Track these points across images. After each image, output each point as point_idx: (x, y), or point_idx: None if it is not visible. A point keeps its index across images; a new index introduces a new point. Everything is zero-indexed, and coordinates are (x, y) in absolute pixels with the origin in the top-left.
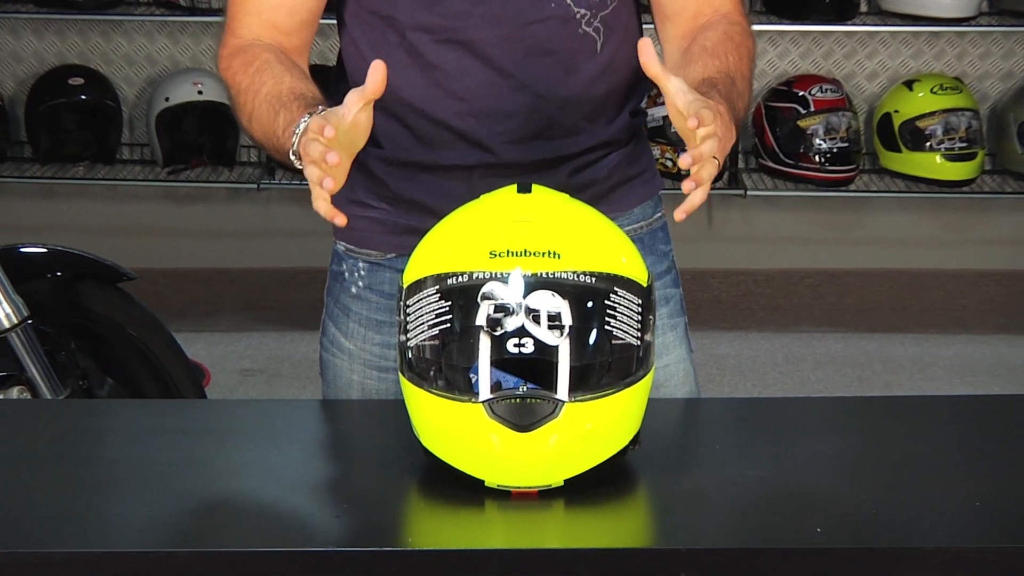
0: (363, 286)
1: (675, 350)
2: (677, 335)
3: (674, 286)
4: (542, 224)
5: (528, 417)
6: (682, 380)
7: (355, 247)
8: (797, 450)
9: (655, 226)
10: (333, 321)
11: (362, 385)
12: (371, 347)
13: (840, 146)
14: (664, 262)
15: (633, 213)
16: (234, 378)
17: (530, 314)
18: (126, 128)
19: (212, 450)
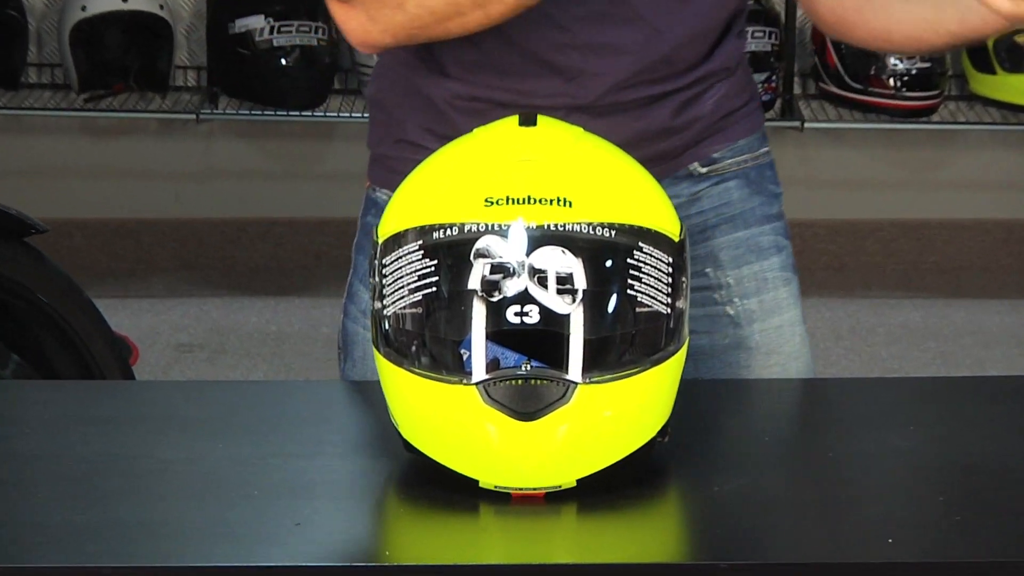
0: None
1: (789, 309)
2: (791, 292)
3: (785, 235)
4: (550, 164)
5: (532, 402)
6: (797, 349)
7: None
8: (865, 443)
9: (762, 162)
10: (366, 285)
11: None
12: None
13: (920, 67)
14: (774, 205)
15: (737, 145)
16: (168, 355)
17: (535, 275)
18: (33, 45)
19: (142, 443)
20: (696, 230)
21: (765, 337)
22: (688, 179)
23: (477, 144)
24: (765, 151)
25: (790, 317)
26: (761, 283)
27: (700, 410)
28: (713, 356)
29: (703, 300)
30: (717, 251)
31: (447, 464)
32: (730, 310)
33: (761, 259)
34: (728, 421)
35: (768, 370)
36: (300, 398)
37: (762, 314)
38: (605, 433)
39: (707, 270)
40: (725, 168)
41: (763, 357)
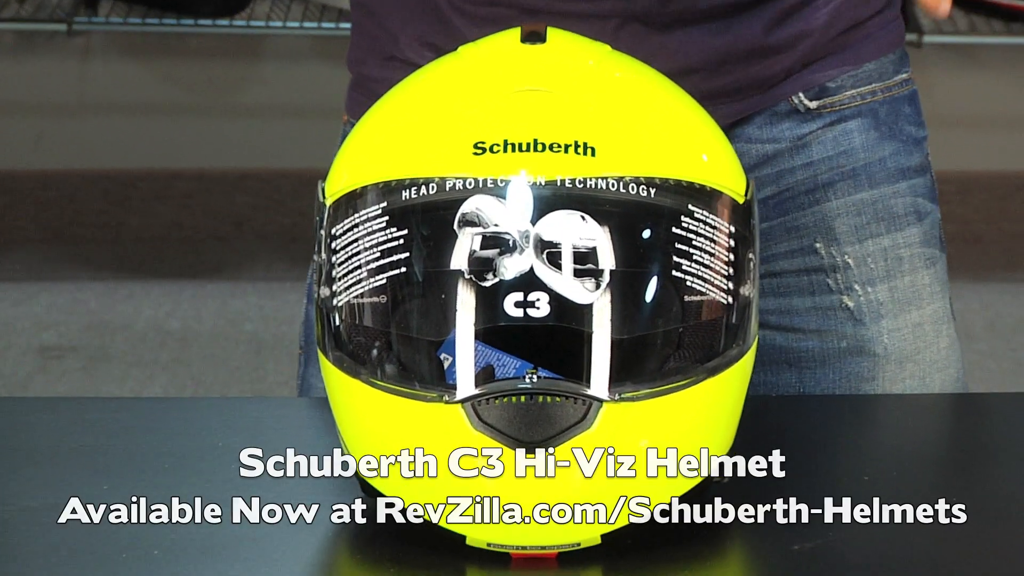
0: None
1: (933, 300)
2: (936, 277)
3: (930, 198)
4: (564, 96)
5: (540, 427)
6: (944, 355)
7: None
8: (1011, 481)
9: (898, 93)
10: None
11: None
12: None
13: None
14: (915, 154)
15: (863, 70)
16: (28, 361)
17: (544, 251)
18: None
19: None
20: (803, 188)
21: (897, 339)
22: (791, 116)
23: (463, 67)
24: (904, 78)
25: (934, 311)
26: (893, 264)
27: (795, 437)
28: (825, 364)
29: (812, 286)
30: (831, 218)
31: (421, 513)
32: (849, 301)
33: (894, 229)
34: (828, 453)
35: (901, 384)
36: (214, 421)
37: (894, 307)
38: (640, 470)
39: (817, 245)
40: (844, 101)
41: (894, 367)
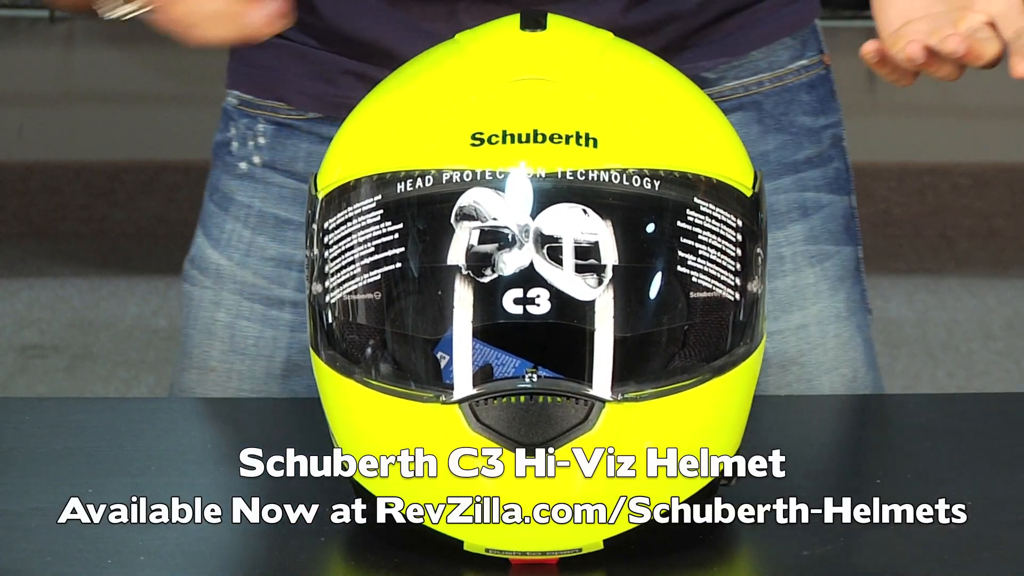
0: (260, 162)
1: (821, 300)
2: (824, 274)
3: (830, 189)
4: (566, 85)
5: (540, 428)
6: (834, 356)
7: (256, 97)
8: (1013, 481)
9: (794, 81)
10: (203, 226)
11: (232, 331)
12: (259, 263)
13: None
14: (805, 145)
15: (749, 60)
16: (10, 360)
17: (544, 245)
18: None
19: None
20: None
21: (779, 342)
22: None
23: (460, 55)
24: (804, 64)
25: (820, 311)
26: (774, 264)
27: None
28: None
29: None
30: None
31: (417, 518)
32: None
33: (774, 228)
34: (824, 454)
35: (787, 388)
36: (204, 420)
37: (775, 309)
38: (644, 468)
39: None
40: (724, 94)
41: (777, 371)
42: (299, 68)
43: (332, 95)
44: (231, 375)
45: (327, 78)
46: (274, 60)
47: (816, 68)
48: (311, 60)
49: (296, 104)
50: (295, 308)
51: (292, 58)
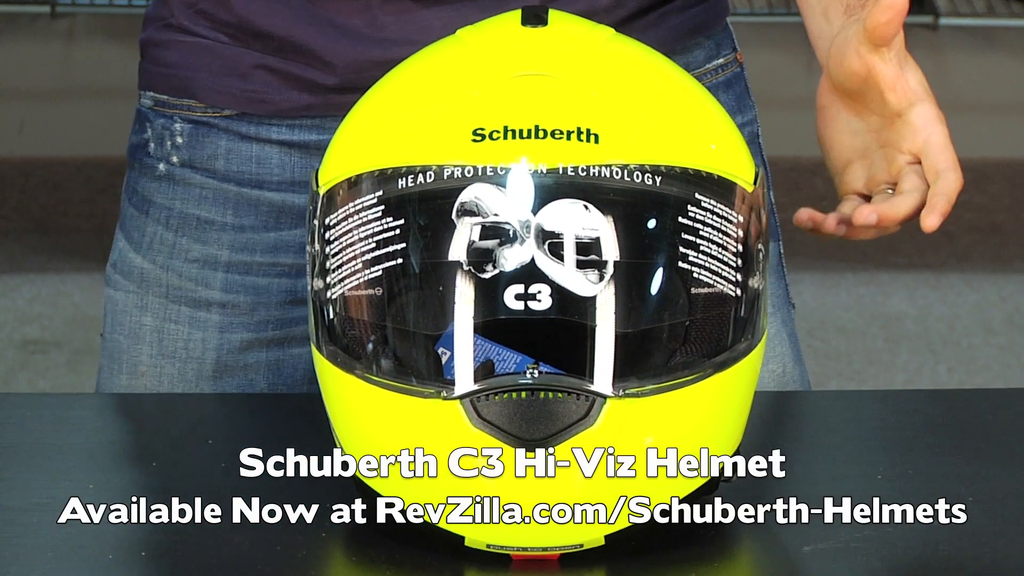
0: (178, 161)
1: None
2: None
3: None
4: (567, 80)
5: (541, 424)
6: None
7: (170, 96)
8: (1014, 480)
9: (711, 81)
10: (124, 229)
11: (160, 335)
12: (183, 264)
13: None
14: None
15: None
16: (10, 355)
17: (545, 241)
18: None
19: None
20: None
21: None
22: None
23: (461, 51)
24: (720, 63)
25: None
26: None
27: (794, 435)
28: None
29: None
30: None
31: (418, 514)
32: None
33: None
34: (823, 452)
35: None
36: (206, 415)
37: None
38: (644, 467)
39: None
40: None
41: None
42: (211, 65)
43: (246, 91)
44: (162, 379)
45: (240, 73)
46: (185, 58)
47: (731, 67)
48: (222, 56)
49: (210, 102)
50: (222, 309)
51: (203, 55)
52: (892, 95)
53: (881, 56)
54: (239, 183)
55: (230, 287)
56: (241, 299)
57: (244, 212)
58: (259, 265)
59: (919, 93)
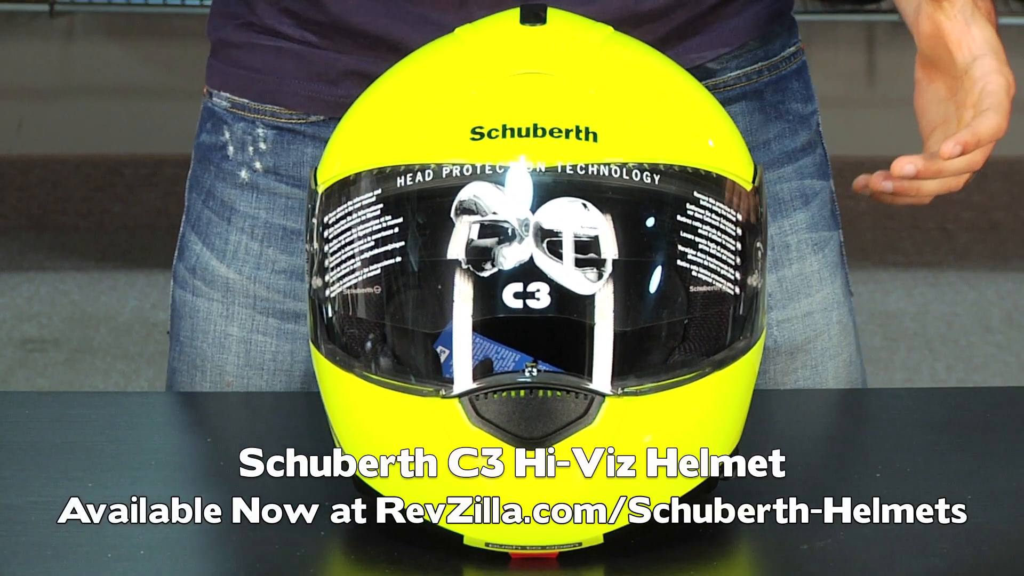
0: (262, 168)
1: (823, 286)
2: (826, 260)
3: (819, 175)
4: (565, 79)
5: (540, 423)
6: (837, 341)
7: (252, 100)
8: (1015, 478)
9: (786, 69)
10: (200, 233)
11: (247, 346)
12: (271, 276)
13: None
14: (800, 133)
15: (747, 48)
16: (9, 354)
17: (544, 239)
18: None
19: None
20: None
21: (787, 330)
22: None
23: (460, 49)
24: (792, 51)
25: (824, 298)
26: (780, 252)
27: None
28: None
29: None
30: None
31: (417, 512)
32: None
33: (780, 216)
34: (824, 448)
35: (793, 375)
36: (205, 414)
37: (782, 297)
38: (644, 467)
39: None
40: (728, 83)
41: (785, 358)
42: (297, 71)
43: (334, 96)
44: (249, 388)
45: (328, 79)
46: (270, 62)
47: (800, 55)
48: (310, 61)
49: (297, 108)
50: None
51: (289, 60)
52: (959, 52)
53: (946, 14)
54: None
55: None
56: None
57: None
58: None
59: (982, 47)
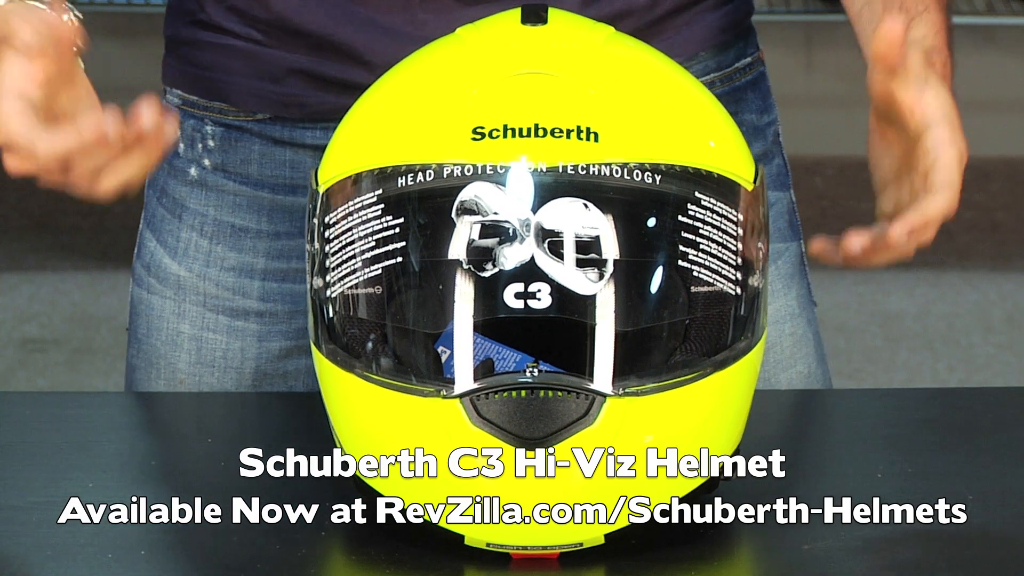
0: (211, 165)
1: (776, 298)
2: (779, 272)
3: (775, 187)
4: (567, 79)
5: (541, 423)
6: (790, 354)
7: (201, 98)
8: (1015, 478)
9: (740, 80)
10: (154, 230)
11: (198, 343)
12: (220, 273)
13: None
14: (755, 144)
15: (699, 59)
16: (10, 354)
17: (545, 240)
18: None
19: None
20: None
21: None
22: None
23: (461, 49)
24: (748, 62)
25: (775, 311)
26: None
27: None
28: None
29: None
30: None
31: (418, 512)
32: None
33: None
34: (820, 452)
35: None
36: (206, 415)
37: None
38: (644, 467)
39: None
40: None
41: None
42: (244, 68)
43: (280, 95)
44: (200, 387)
45: (274, 78)
46: (217, 61)
47: (757, 65)
48: (256, 59)
49: (243, 106)
50: (260, 318)
51: (236, 58)
52: (911, 119)
53: (898, 80)
54: (273, 189)
55: (267, 295)
56: (279, 307)
57: (279, 219)
58: (296, 272)
59: (935, 115)
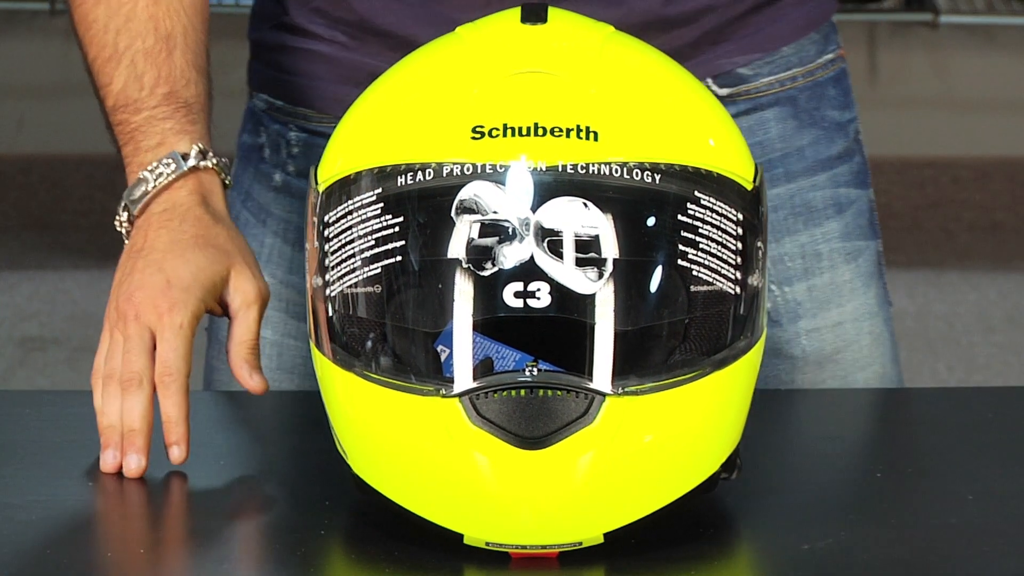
0: (294, 171)
1: (854, 296)
2: (859, 271)
3: (857, 184)
4: (566, 78)
5: (541, 422)
6: (867, 354)
7: (287, 103)
8: (1015, 478)
9: (822, 76)
10: (246, 226)
11: (279, 349)
12: (302, 281)
13: None
14: (837, 141)
15: (780, 54)
16: (9, 352)
17: (545, 239)
18: None
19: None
20: None
21: (816, 340)
22: None
23: (461, 48)
24: (829, 58)
25: (855, 308)
26: (811, 261)
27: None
28: None
29: None
30: None
31: (418, 511)
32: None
33: (812, 225)
34: (821, 448)
35: (821, 385)
36: (206, 414)
37: (812, 306)
38: (645, 466)
39: None
40: (760, 89)
41: (814, 368)
42: (328, 73)
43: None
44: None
45: (357, 82)
46: (301, 65)
47: (839, 62)
48: (340, 64)
49: (327, 111)
50: None
51: (321, 63)
52: None
53: None
54: None
55: None
56: None
57: None
58: None
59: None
